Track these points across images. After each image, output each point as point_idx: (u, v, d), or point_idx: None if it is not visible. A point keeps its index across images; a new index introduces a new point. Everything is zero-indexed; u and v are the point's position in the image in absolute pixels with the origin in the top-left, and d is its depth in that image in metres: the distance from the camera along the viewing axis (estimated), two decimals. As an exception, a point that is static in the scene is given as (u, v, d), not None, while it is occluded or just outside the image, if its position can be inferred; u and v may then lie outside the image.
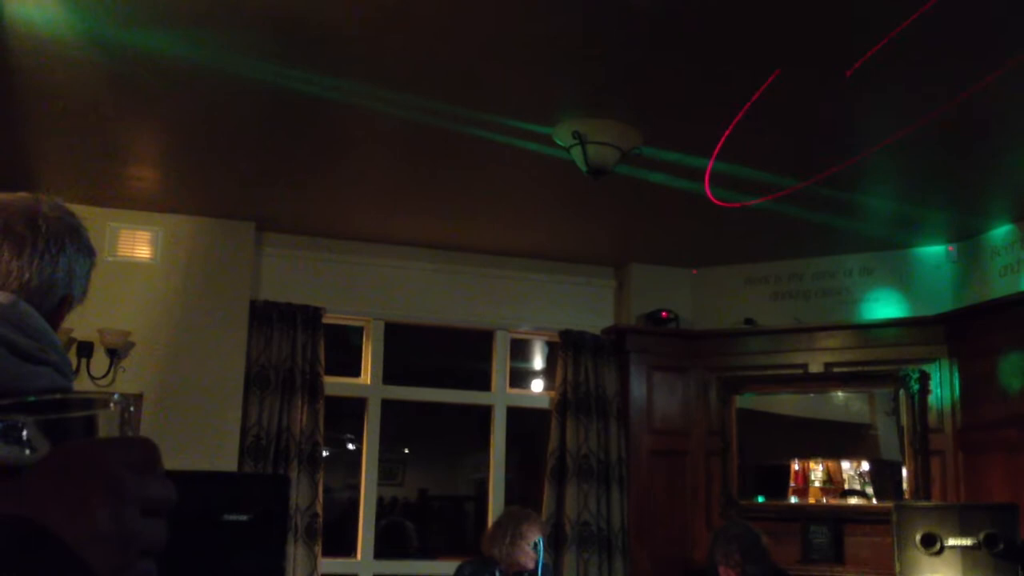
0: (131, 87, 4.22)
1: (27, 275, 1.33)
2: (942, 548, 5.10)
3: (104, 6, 3.54)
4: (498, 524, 5.18)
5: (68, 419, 0.72)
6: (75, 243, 1.40)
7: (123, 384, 5.59)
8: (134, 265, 5.79)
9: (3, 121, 4.60)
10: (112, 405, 0.73)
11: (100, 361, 5.56)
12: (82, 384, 5.49)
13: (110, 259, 5.74)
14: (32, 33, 3.71)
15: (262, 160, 5.12)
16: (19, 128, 4.69)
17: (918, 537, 5.15)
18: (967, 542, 5.04)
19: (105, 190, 5.54)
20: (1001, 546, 4.98)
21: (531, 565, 4.88)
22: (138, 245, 5.81)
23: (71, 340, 5.49)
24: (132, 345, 5.65)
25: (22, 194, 1.44)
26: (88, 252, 1.42)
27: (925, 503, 5.72)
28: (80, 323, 5.49)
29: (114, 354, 5.56)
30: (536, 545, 4.91)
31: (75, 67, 4.00)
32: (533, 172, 5.18)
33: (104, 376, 5.55)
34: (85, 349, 5.52)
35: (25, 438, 0.69)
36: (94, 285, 5.36)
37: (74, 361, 5.50)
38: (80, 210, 4.89)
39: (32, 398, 0.71)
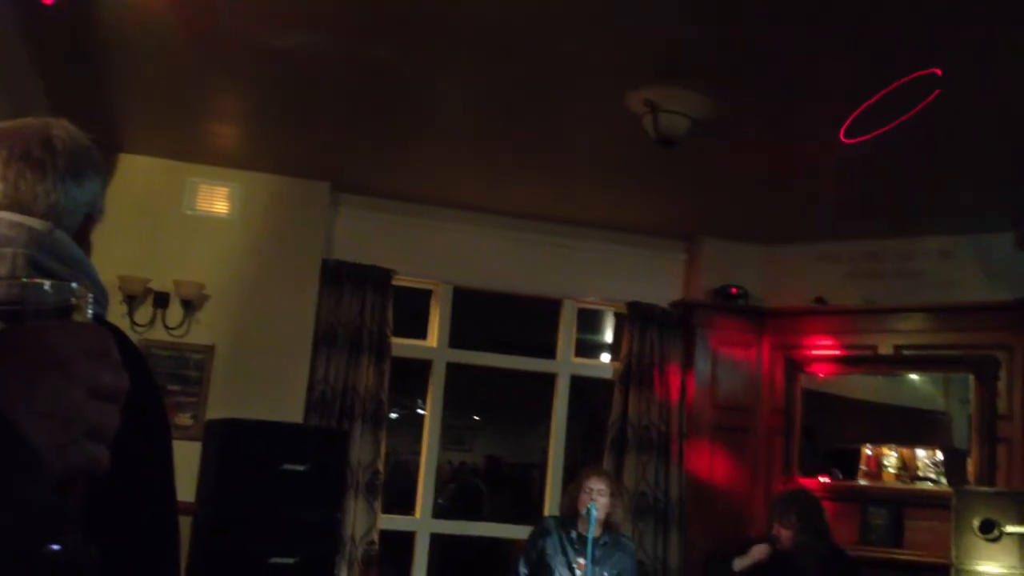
0: (211, 46, 4.32)
1: (53, 197, 1.36)
2: (1000, 535, 5.01)
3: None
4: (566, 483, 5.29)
5: (37, 309, 0.74)
6: (91, 161, 1.44)
7: (196, 335, 5.75)
8: (211, 220, 5.94)
9: (88, 76, 4.75)
10: (75, 299, 0.76)
11: (175, 312, 5.72)
12: (157, 334, 5.67)
13: (189, 213, 5.89)
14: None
15: (340, 122, 5.20)
16: (103, 83, 4.84)
17: (976, 523, 5.07)
18: (1027, 530, 4.95)
19: (185, 145, 5.69)
20: (1062, 536, 4.88)
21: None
22: (216, 200, 5.95)
23: (147, 290, 5.67)
24: (206, 298, 5.81)
25: (29, 119, 1.44)
26: (102, 169, 1.47)
27: (986, 488, 5.60)
28: (157, 274, 5.68)
29: (189, 305, 5.72)
30: (595, 495, 4.93)
31: (162, 28, 4.12)
32: (606, 141, 5.17)
33: (178, 327, 5.71)
34: (161, 300, 5.69)
35: None
36: (172, 237, 5.54)
37: (150, 311, 5.69)
38: (160, 164, 5.07)
39: None
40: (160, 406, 1.42)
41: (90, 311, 0.77)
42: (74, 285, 0.77)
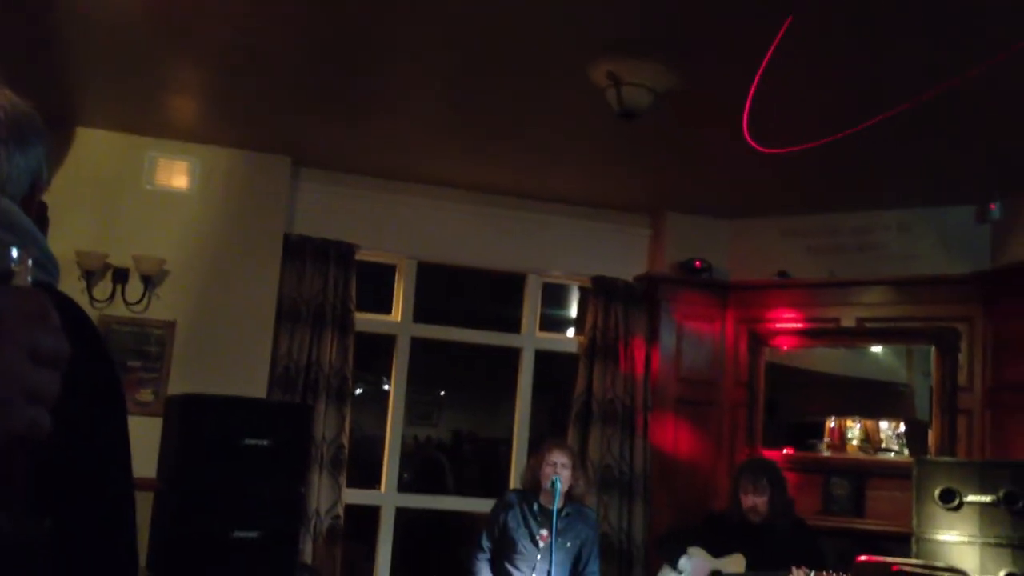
0: (170, 18, 4.25)
1: (2, 168, 1.34)
2: (960, 504, 5.08)
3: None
4: (528, 457, 5.37)
5: None
6: (34, 128, 1.41)
7: (156, 311, 5.69)
8: (171, 194, 5.86)
9: (43, 50, 4.66)
10: (15, 266, 0.74)
11: (135, 288, 5.65)
12: (116, 310, 5.61)
13: (148, 187, 5.82)
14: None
15: (301, 95, 5.14)
16: (59, 57, 4.75)
17: (937, 492, 5.14)
18: (986, 499, 5.02)
19: (144, 119, 5.60)
20: (1021, 504, 4.95)
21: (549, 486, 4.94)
22: (175, 175, 5.88)
23: (106, 266, 5.59)
24: (167, 273, 5.74)
25: None
26: (45, 137, 1.44)
27: (947, 459, 5.68)
28: (116, 249, 5.61)
29: (149, 281, 5.66)
30: (558, 468, 5.01)
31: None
32: (569, 115, 5.15)
33: (138, 302, 5.65)
34: (120, 275, 5.62)
35: None
36: (131, 212, 5.47)
37: (109, 287, 5.62)
38: (118, 138, 4.99)
39: None
40: (113, 379, 1.39)
41: (30, 277, 0.75)
42: (13, 251, 0.75)
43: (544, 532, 4.87)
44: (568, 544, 5.01)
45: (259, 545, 4.51)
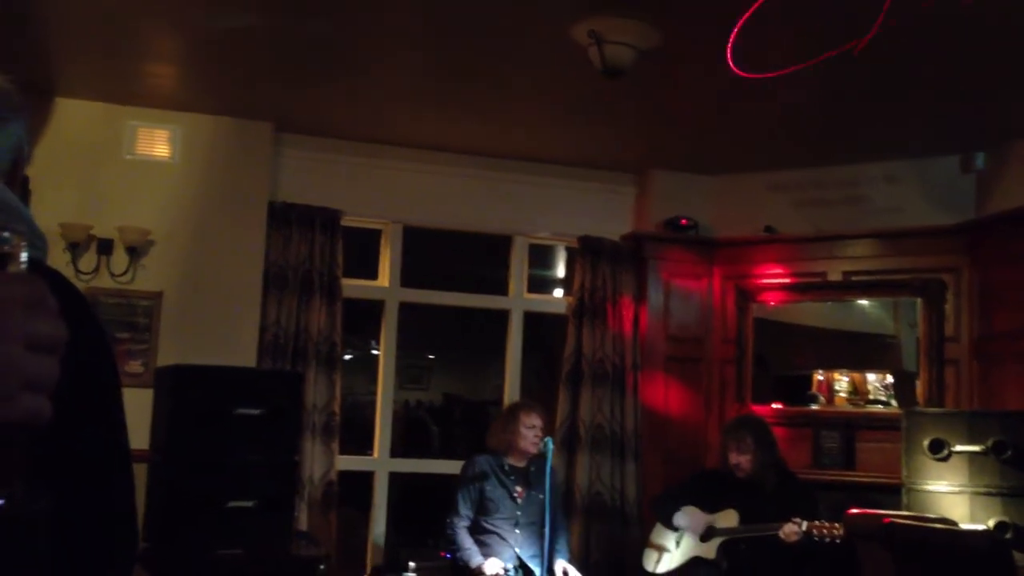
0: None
1: None
2: (949, 454, 5.12)
3: None
4: (497, 417, 5.52)
5: None
6: (12, 104, 1.39)
7: (143, 281, 5.66)
8: (152, 164, 5.81)
9: (19, 20, 4.59)
10: (8, 248, 0.72)
11: (120, 259, 5.62)
12: (102, 281, 5.58)
13: (129, 157, 5.76)
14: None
15: (281, 61, 5.08)
16: (36, 27, 4.68)
17: (926, 443, 5.17)
18: (975, 448, 5.06)
19: (123, 88, 5.54)
20: (1009, 453, 5.00)
21: (533, 450, 5.18)
22: (156, 144, 5.82)
23: (90, 237, 5.55)
24: (152, 244, 5.70)
25: None
26: (25, 112, 1.41)
27: (935, 409, 5.72)
28: (100, 221, 5.57)
29: (134, 252, 5.62)
30: (536, 432, 5.26)
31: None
32: (553, 75, 5.12)
33: (124, 273, 5.61)
34: (105, 246, 5.58)
35: None
36: (113, 183, 5.42)
37: (94, 259, 5.58)
38: (97, 108, 4.92)
39: None
40: (106, 350, 1.38)
41: (24, 257, 0.74)
42: (6, 233, 0.74)
43: (519, 488, 5.19)
44: (540, 496, 5.24)
45: (254, 514, 4.52)
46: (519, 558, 5.16)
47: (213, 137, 5.91)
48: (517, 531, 5.21)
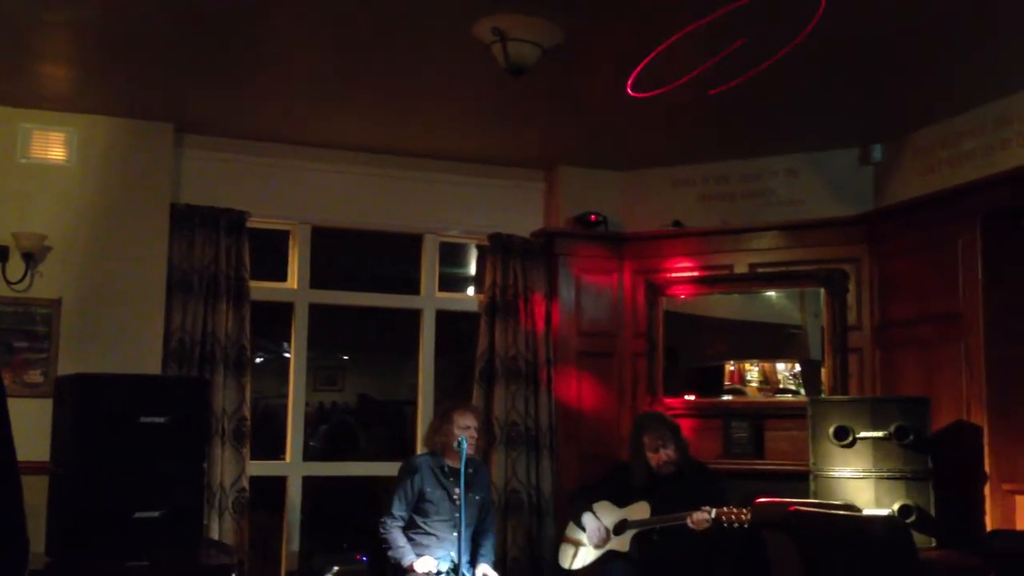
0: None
1: None
2: (854, 440, 5.24)
3: None
4: (432, 418, 5.46)
5: None
6: None
7: (40, 288, 5.49)
8: (48, 167, 5.64)
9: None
10: None
11: (16, 266, 5.45)
12: (-2, 289, 5.40)
13: (23, 161, 5.59)
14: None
15: (180, 60, 4.97)
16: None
17: (831, 430, 5.29)
18: (878, 434, 5.19)
19: (14, 89, 5.36)
20: (911, 437, 5.14)
21: (469, 451, 5.07)
22: (51, 147, 5.65)
23: (-16, 244, 5.38)
24: (49, 249, 5.54)
25: None
26: None
27: (839, 397, 5.86)
28: (-7, 227, 5.39)
29: (30, 258, 5.46)
30: (471, 432, 5.22)
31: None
32: (457, 73, 5.10)
33: (20, 281, 5.44)
34: (0, 253, 5.41)
35: None
36: (7, 188, 5.26)
37: (-12, 266, 5.40)
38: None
39: None
40: None
41: None
42: None
43: (457, 489, 5.05)
44: (477, 497, 5.26)
45: (161, 524, 4.40)
46: (453, 561, 5.02)
47: (111, 139, 5.76)
48: (455, 533, 5.06)
